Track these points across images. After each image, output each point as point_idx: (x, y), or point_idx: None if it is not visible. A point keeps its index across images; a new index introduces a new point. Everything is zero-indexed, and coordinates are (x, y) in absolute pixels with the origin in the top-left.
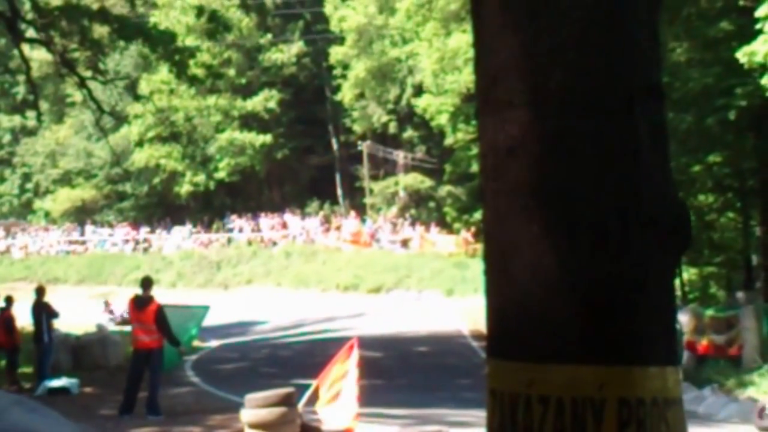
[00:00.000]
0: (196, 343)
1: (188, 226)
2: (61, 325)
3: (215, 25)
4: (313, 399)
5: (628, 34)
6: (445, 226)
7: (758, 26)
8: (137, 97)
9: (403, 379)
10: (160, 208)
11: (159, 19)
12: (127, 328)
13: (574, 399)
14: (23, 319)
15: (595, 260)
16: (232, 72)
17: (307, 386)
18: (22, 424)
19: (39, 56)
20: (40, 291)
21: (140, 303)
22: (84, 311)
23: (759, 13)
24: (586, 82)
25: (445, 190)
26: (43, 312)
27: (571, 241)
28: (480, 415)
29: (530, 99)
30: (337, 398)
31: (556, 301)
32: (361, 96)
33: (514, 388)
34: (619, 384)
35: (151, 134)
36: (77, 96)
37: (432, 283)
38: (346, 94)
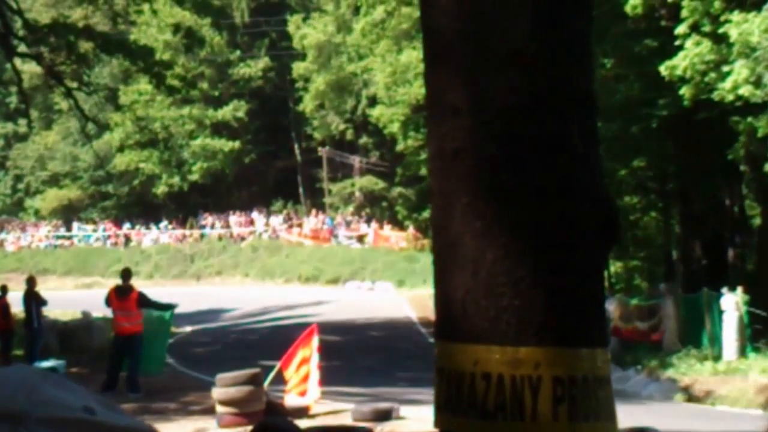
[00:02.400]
0: (172, 329)
1: (164, 224)
2: (49, 311)
3: (191, 40)
4: (278, 379)
5: (564, 48)
6: (397, 223)
7: (678, 43)
8: (119, 107)
9: (358, 361)
10: (139, 206)
11: (138, 35)
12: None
13: (514, 377)
14: (15, 307)
15: (532, 253)
16: (204, 85)
17: (272, 367)
18: (53, 397)
19: (30, 69)
20: (30, 281)
21: (121, 292)
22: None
23: (678, 31)
24: (525, 91)
25: (396, 191)
26: (33, 300)
27: (511, 236)
28: (428, 392)
29: (474, 106)
30: (306, 380)
31: (497, 289)
32: (320, 106)
33: (460, 367)
34: (554, 364)
35: (131, 140)
36: (64, 105)
37: (385, 274)
38: (307, 105)
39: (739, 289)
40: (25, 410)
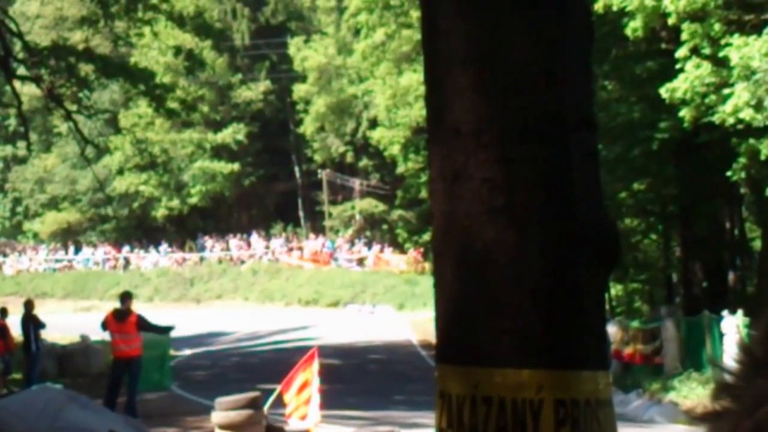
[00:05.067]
0: (171, 352)
1: (164, 247)
2: (47, 335)
3: (192, 62)
4: (279, 403)
5: (564, 71)
6: (397, 246)
7: (678, 65)
8: (118, 130)
9: (359, 384)
10: (139, 229)
11: (139, 58)
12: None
13: (515, 400)
14: (14, 330)
15: (533, 276)
16: (205, 108)
17: (272, 391)
18: (79, 420)
19: (29, 91)
20: (28, 304)
21: (120, 315)
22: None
23: (679, 54)
24: (526, 114)
25: (396, 213)
26: (31, 323)
27: (511, 258)
28: (429, 416)
29: (475, 128)
30: (307, 404)
31: (498, 312)
32: (321, 129)
33: (461, 390)
34: (556, 386)
35: (130, 163)
36: (63, 128)
37: (385, 298)
38: (307, 127)
39: (740, 312)
40: None
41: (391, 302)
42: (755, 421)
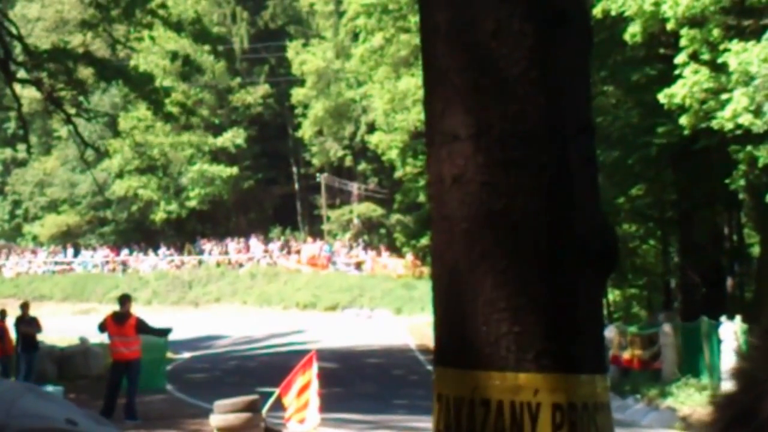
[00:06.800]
0: (169, 355)
1: (163, 250)
2: (46, 337)
3: (189, 68)
4: (277, 406)
5: (563, 76)
6: (395, 250)
7: (677, 72)
8: (118, 133)
9: (357, 388)
10: (138, 232)
11: (138, 62)
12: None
13: (513, 403)
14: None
15: (531, 279)
16: (205, 112)
17: (270, 394)
18: (34, 410)
19: (29, 94)
20: (24, 307)
21: (119, 318)
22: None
23: (677, 60)
24: (525, 118)
25: (394, 218)
26: (21, 325)
27: (510, 262)
28: (427, 419)
29: (474, 132)
30: (306, 407)
31: (496, 316)
32: (319, 133)
33: (459, 393)
34: (553, 390)
35: (129, 167)
36: (63, 131)
37: (383, 302)
38: (306, 131)
39: (738, 318)
40: (3, 423)
41: (388, 306)
42: (746, 402)
